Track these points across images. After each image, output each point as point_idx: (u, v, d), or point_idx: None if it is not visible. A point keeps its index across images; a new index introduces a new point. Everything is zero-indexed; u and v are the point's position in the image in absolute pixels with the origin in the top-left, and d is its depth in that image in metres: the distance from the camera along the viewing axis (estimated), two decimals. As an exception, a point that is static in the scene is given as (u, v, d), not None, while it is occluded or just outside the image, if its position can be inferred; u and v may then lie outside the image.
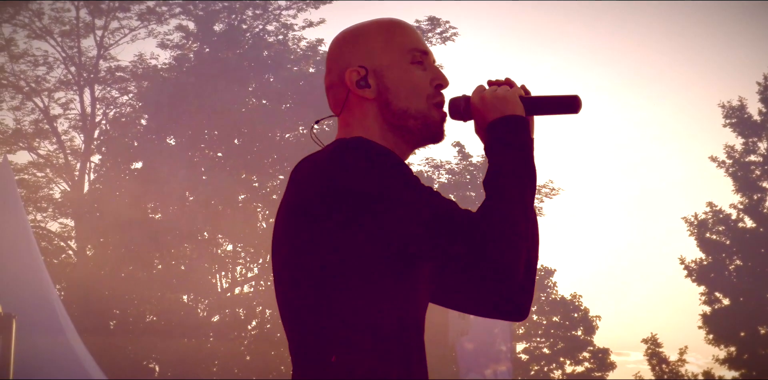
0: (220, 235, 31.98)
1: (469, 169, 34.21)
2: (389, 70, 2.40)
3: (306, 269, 2.20)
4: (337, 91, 2.44)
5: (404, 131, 2.39)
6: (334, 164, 2.18)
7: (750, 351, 33.25)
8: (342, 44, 2.46)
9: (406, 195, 2.16)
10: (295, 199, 2.23)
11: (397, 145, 2.39)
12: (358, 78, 2.39)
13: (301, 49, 33.36)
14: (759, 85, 35.23)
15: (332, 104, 2.47)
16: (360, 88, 2.39)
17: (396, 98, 2.38)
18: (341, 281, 2.18)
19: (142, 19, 33.53)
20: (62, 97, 33.23)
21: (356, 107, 2.41)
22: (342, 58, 2.44)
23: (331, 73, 2.45)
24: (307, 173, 2.23)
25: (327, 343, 2.16)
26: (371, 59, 2.41)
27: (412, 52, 2.42)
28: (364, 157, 2.18)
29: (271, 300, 30.78)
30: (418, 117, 2.39)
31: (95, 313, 28.15)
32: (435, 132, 2.42)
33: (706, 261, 34.16)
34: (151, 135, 32.01)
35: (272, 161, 31.93)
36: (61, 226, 32.89)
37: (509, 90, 2.39)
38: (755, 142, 34.77)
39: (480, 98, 2.40)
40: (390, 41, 2.43)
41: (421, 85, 2.40)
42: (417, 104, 2.39)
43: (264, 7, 33.45)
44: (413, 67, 2.41)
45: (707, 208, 34.72)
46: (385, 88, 2.39)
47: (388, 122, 2.39)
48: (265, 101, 32.48)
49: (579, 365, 35.51)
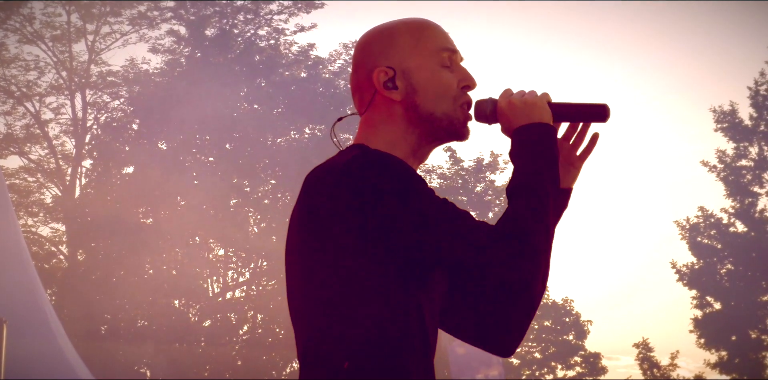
0: (212, 240, 31.93)
1: (461, 174, 34.22)
2: (418, 72, 2.38)
3: (320, 278, 2.18)
4: (364, 92, 2.42)
5: (428, 133, 2.38)
6: (350, 175, 2.16)
7: (741, 355, 33.27)
8: (370, 44, 2.44)
9: (423, 207, 2.14)
10: (311, 208, 2.21)
11: (419, 146, 2.38)
12: (386, 79, 2.38)
13: (293, 53, 33.36)
14: (750, 89, 35.30)
15: (357, 103, 2.45)
16: (387, 90, 2.37)
17: (423, 100, 2.37)
18: (357, 290, 2.16)
19: (133, 23, 33.51)
20: (53, 101, 33.24)
21: (382, 107, 2.39)
22: (370, 58, 2.42)
23: (358, 72, 2.44)
24: (322, 183, 2.21)
25: (340, 350, 2.14)
26: (399, 60, 2.39)
27: (441, 52, 2.41)
28: (379, 171, 2.16)
29: (263, 305, 30.75)
30: (443, 119, 2.37)
31: (86, 318, 28.10)
32: (459, 131, 2.40)
33: (697, 265, 34.20)
34: (142, 140, 31.98)
35: (264, 165, 31.91)
36: (52, 231, 32.87)
37: (537, 96, 2.38)
38: (746, 146, 34.82)
39: (508, 102, 2.38)
40: (419, 42, 2.41)
41: (449, 88, 2.39)
42: (443, 106, 2.37)
43: (255, 12, 33.44)
44: (441, 69, 2.40)
45: (699, 212, 34.78)
46: (413, 90, 2.37)
47: (412, 124, 2.37)
48: (257, 106, 32.46)
49: (570, 369, 35.50)
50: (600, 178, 57.34)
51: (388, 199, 2.13)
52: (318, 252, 2.19)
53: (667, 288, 60.20)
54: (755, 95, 35.12)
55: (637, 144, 54.73)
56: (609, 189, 55.65)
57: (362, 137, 2.39)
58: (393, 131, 2.37)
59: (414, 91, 2.37)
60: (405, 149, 2.36)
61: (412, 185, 2.16)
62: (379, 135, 2.37)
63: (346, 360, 2.13)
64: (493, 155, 34.38)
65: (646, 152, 54.01)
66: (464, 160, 34.42)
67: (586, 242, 56.94)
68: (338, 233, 2.16)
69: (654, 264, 60.04)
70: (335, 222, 2.16)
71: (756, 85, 35.23)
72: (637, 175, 54.74)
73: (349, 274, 2.16)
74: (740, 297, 33.35)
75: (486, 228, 2.15)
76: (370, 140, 2.36)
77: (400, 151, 2.35)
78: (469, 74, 2.43)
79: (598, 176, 56.01)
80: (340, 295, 2.16)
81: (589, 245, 59.23)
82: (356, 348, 2.14)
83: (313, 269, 2.19)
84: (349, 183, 2.15)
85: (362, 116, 2.43)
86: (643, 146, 53.58)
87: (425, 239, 2.13)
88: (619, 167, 56.08)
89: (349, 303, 2.16)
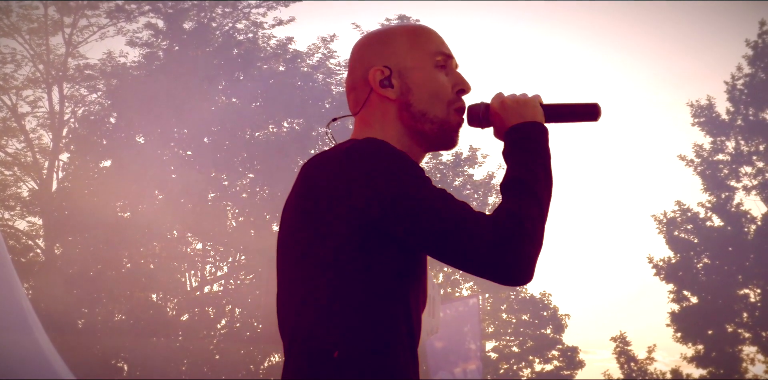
0: (190, 233, 31.87)
1: (439, 168, 34.27)
2: (413, 72, 2.41)
3: (313, 266, 2.19)
4: (359, 91, 2.45)
5: (420, 135, 2.40)
6: (349, 163, 2.18)
7: (717, 349, 33.44)
8: (367, 45, 2.47)
9: (421, 195, 2.15)
10: (308, 195, 2.22)
11: (411, 148, 2.41)
12: (382, 77, 2.41)
13: (271, 47, 33.30)
14: (727, 84, 35.42)
15: (352, 104, 2.47)
16: (383, 88, 2.40)
17: (417, 100, 2.39)
18: (349, 278, 2.17)
19: (111, 17, 33.37)
20: (30, 95, 33.07)
21: (376, 106, 2.42)
22: (367, 58, 2.45)
23: (354, 73, 2.46)
24: (320, 171, 2.22)
25: (330, 338, 2.15)
26: (396, 60, 2.42)
27: (437, 55, 2.44)
28: (380, 157, 2.18)
29: (241, 299, 30.72)
30: (435, 121, 2.40)
31: (63, 312, 28.00)
32: (449, 138, 2.43)
33: (674, 259, 34.34)
34: (120, 133, 31.88)
35: (242, 159, 31.86)
36: (29, 224, 32.74)
37: (529, 97, 2.42)
38: (723, 141, 34.97)
39: (500, 102, 2.42)
40: (416, 44, 2.44)
41: (444, 90, 2.42)
42: (437, 108, 2.40)
43: (234, 6, 33.37)
44: (437, 71, 2.43)
45: (676, 206, 34.92)
46: (407, 89, 2.40)
47: (405, 124, 2.39)
48: (235, 99, 32.40)
49: (548, 363, 35.62)
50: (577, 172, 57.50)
51: (389, 183, 2.15)
52: (313, 238, 2.20)
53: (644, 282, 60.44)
54: (732, 90, 35.25)
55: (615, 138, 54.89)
56: (586, 183, 55.81)
57: (356, 134, 2.41)
58: (387, 131, 2.39)
59: (408, 91, 2.40)
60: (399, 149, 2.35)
61: (412, 171, 2.19)
62: (374, 133, 2.39)
63: (336, 349, 2.14)
64: (472, 150, 34.43)
65: (624, 146, 54.20)
66: (443, 154, 34.46)
67: (563, 236, 57.11)
68: (334, 218, 2.17)
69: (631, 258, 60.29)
70: (333, 207, 2.17)
71: (733, 79, 35.36)
72: (614, 169, 54.93)
73: (343, 261, 2.17)
74: (717, 291, 33.50)
75: (484, 217, 2.16)
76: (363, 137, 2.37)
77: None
78: (463, 79, 2.46)
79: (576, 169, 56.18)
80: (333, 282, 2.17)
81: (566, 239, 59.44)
82: (346, 336, 2.15)
83: (307, 255, 2.20)
84: (350, 168, 2.17)
85: (357, 115, 2.45)
86: (621, 140, 53.75)
87: (424, 224, 2.14)
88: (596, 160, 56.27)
89: (343, 291, 2.17)
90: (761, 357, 33.51)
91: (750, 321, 33.52)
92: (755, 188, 34.53)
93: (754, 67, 35.15)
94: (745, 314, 33.68)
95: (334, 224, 2.17)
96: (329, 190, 2.18)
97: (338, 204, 2.16)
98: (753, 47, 35.25)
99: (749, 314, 33.58)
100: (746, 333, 33.62)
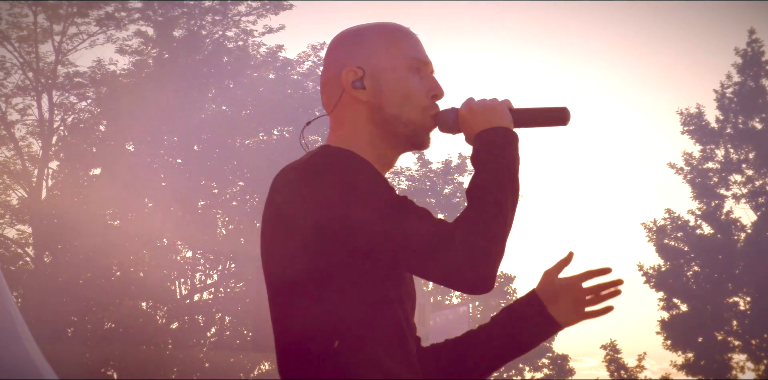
0: (180, 241, 31.81)
1: (429, 176, 34.29)
2: (386, 74, 2.39)
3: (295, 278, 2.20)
4: (331, 90, 2.43)
5: (391, 137, 2.39)
6: (311, 172, 2.19)
7: (707, 357, 33.46)
8: (342, 44, 2.45)
9: (378, 208, 2.15)
10: (278, 207, 2.24)
11: (383, 149, 2.39)
12: (355, 78, 2.38)
13: (261, 55, 33.28)
14: (716, 92, 35.49)
15: (325, 102, 2.46)
16: (355, 89, 2.38)
17: (389, 103, 2.37)
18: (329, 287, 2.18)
19: (100, 24, 33.31)
20: (20, 102, 32.98)
21: (349, 107, 2.40)
22: (341, 57, 2.43)
23: (328, 71, 2.44)
24: (287, 181, 2.24)
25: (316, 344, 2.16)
26: (370, 61, 2.40)
27: (412, 59, 2.42)
28: (344, 168, 2.19)
29: (231, 307, 30.68)
30: (408, 124, 2.38)
31: (53, 320, 27.94)
32: (422, 140, 2.41)
33: (664, 267, 34.37)
34: (109, 141, 31.83)
35: (232, 167, 31.83)
36: (19, 232, 32.64)
37: (498, 102, 2.39)
38: (713, 149, 35.03)
39: (468, 109, 2.39)
40: (391, 46, 2.42)
41: (417, 94, 2.40)
42: (409, 112, 2.38)
43: (224, 13, 33.35)
44: (411, 74, 2.41)
45: (666, 214, 34.95)
46: (379, 91, 2.38)
47: (377, 126, 2.38)
48: (225, 107, 32.38)
49: (538, 371, 35.62)
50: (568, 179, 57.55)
51: (346, 194, 2.16)
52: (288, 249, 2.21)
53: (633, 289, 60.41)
54: (721, 98, 35.32)
55: (605, 146, 54.97)
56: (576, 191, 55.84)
57: (331, 137, 2.41)
58: (360, 133, 2.38)
59: (381, 93, 2.38)
60: (370, 152, 2.36)
61: (371, 181, 2.19)
62: (347, 136, 2.38)
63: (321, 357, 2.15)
64: (461, 157, 34.45)
65: (614, 155, 54.25)
66: (432, 162, 34.50)
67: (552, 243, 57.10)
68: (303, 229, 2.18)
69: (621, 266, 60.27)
70: (299, 219, 2.18)
71: (722, 87, 35.43)
72: (604, 177, 54.99)
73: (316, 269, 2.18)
74: (706, 299, 33.53)
75: (444, 225, 2.16)
76: (337, 141, 2.37)
77: (367, 154, 2.34)
78: (438, 84, 2.44)
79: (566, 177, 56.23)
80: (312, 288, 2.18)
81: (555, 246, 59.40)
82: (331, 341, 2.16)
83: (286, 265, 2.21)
84: (309, 180, 2.18)
85: (330, 115, 2.44)
86: (611, 149, 53.81)
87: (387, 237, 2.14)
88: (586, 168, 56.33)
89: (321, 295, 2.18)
90: (751, 365, 33.56)
91: (740, 329, 33.55)
92: (745, 196, 34.59)
93: (743, 76, 35.22)
94: (734, 322, 33.72)
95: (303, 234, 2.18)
96: (294, 202, 2.19)
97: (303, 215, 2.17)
98: (742, 55, 35.32)
99: (739, 322, 33.61)
100: (736, 340, 33.65)
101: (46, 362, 10.60)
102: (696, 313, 33.59)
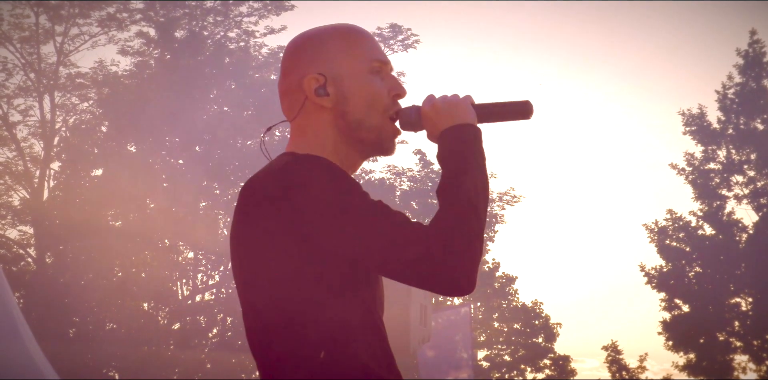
0: (181, 242, 31.84)
1: (431, 176, 34.28)
2: (348, 80, 2.37)
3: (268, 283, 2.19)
4: (293, 97, 2.40)
5: (357, 142, 2.37)
6: (282, 181, 2.17)
7: (709, 358, 33.44)
8: (300, 49, 2.43)
9: (365, 212, 2.14)
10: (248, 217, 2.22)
11: (348, 154, 2.38)
12: (317, 85, 2.36)
13: (263, 56, 33.31)
14: (718, 93, 35.47)
15: (286, 108, 2.44)
16: (318, 97, 2.36)
17: (353, 108, 2.36)
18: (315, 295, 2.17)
19: (102, 25, 33.35)
20: (21, 103, 33.02)
21: (312, 114, 2.38)
22: (300, 63, 2.40)
23: (288, 77, 2.42)
24: (255, 191, 2.22)
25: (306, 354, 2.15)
26: (331, 67, 2.38)
27: (372, 61, 2.40)
28: (316, 173, 2.17)
29: (233, 308, 30.69)
30: (372, 130, 2.37)
31: (55, 321, 27.97)
32: (387, 146, 2.41)
33: (666, 268, 34.35)
34: (111, 142, 31.85)
35: (233, 168, 31.84)
36: (21, 233, 32.68)
37: (460, 98, 2.38)
38: (714, 150, 35.01)
39: (431, 106, 2.37)
40: (350, 49, 2.40)
41: (379, 97, 2.38)
42: (373, 116, 2.37)
43: (225, 14, 33.38)
44: (372, 77, 2.39)
45: (667, 215, 34.93)
46: (343, 97, 2.36)
47: (341, 132, 2.36)
48: (227, 108, 32.39)
49: (540, 372, 35.63)
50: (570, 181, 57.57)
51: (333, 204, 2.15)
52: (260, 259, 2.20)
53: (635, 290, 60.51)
54: (723, 99, 35.30)
55: (607, 147, 54.97)
56: (578, 192, 55.86)
57: (293, 144, 2.38)
58: (323, 139, 2.36)
59: (344, 99, 2.36)
60: (335, 158, 2.35)
61: (344, 186, 2.18)
62: (310, 143, 2.36)
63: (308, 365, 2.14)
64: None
65: (615, 155, 54.26)
66: (434, 163, 34.48)
67: (555, 245, 57.16)
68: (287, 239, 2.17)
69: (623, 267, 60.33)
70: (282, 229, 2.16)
71: (724, 88, 35.41)
72: (606, 178, 55.01)
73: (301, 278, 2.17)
74: (708, 300, 33.52)
75: (421, 228, 2.15)
76: (301, 147, 2.36)
77: (332, 160, 2.33)
78: (399, 83, 2.43)
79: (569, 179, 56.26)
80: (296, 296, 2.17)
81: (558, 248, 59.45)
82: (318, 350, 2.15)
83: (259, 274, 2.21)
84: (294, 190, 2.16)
85: (292, 122, 2.42)
86: (612, 150, 53.82)
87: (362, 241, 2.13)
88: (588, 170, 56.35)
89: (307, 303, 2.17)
90: (753, 366, 33.55)
91: (741, 330, 33.54)
92: (746, 197, 34.57)
93: (745, 76, 35.20)
94: (736, 322, 33.70)
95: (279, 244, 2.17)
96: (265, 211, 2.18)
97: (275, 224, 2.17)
98: (743, 56, 35.30)
99: (741, 322, 33.60)
100: (738, 341, 33.64)
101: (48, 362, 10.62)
102: (698, 314, 33.57)
